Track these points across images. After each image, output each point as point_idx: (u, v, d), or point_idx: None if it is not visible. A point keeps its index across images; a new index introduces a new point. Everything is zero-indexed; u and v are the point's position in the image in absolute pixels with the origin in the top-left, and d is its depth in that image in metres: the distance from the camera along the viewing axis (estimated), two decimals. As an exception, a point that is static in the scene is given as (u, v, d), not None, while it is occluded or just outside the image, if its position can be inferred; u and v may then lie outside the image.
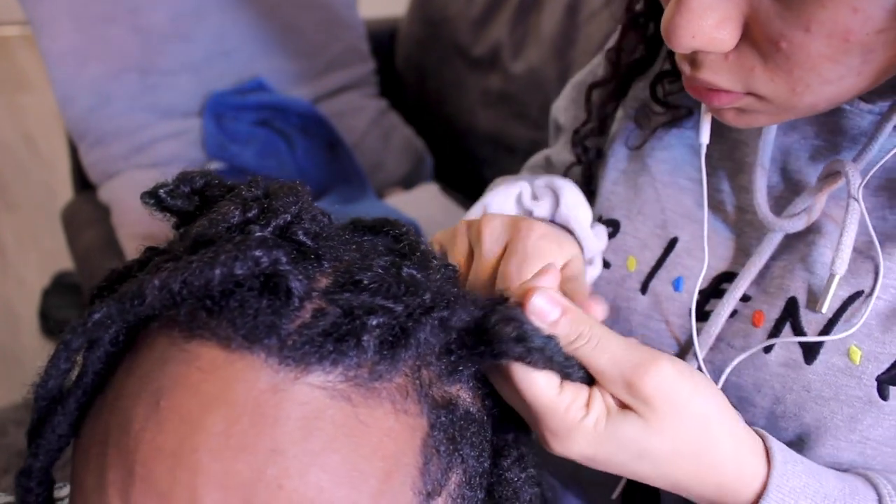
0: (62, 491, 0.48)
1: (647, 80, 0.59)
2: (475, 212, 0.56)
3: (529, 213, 0.56)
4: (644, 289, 0.55)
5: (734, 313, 0.51)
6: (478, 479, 0.40)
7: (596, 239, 0.55)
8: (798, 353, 0.47)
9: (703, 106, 0.52)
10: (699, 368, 0.51)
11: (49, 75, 1.54)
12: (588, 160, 0.64)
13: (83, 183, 1.64)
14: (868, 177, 0.45)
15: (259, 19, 1.65)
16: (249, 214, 0.37)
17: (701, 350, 0.51)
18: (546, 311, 0.40)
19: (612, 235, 0.58)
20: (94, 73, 1.53)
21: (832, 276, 0.46)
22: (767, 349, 0.49)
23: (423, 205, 1.56)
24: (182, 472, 0.32)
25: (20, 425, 1.60)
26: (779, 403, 0.48)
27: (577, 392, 0.40)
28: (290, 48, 1.68)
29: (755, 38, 0.40)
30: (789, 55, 0.39)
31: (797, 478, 0.43)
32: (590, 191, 0.63)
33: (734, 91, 0.43)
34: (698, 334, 0.51)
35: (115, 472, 0.33)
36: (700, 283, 0.52)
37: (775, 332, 0.49)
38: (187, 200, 0.40)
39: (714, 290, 0.53)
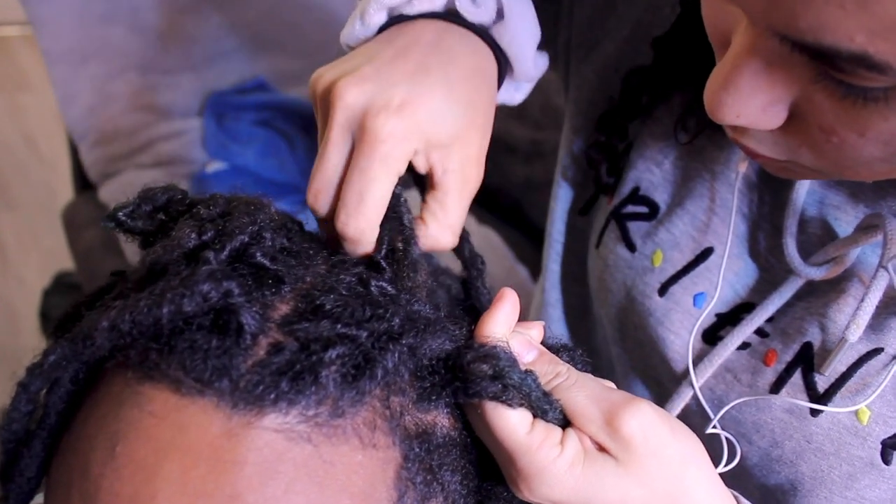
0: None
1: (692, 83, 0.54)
2: (373, 19, 0.46)
3: (454, 13, 0.46)
4: (663, 291, 0.52)
5: (747, 346, 0.49)
6: (462, 500, 0.38)
7: (534, 69, 0.49)
8: (805, 402, 0.45)
9: None
10: (694, 393, 0.49)
11: (50, 75, 1.54)
12: (612, 145, 0.58)
13: (84, 183, 1.64)
14: None
15: (259, 19, 1.65)
16: (205, 237, 0.36)
17: (701, 376, 0.49)
18: (521, 353, 0.39)
19: (647, 218, 0.54)
20: (94, 72, 1.53)
21: (843, 340, 0.44)
22: (774, 391, 0.47)
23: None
24: None
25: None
26: (776, 447, 0.47)
27: (549, 431, 0.37)
28: (290, 48, 1.68)
29: (805, 122, 0.37)
30: (839, 148, 0.36)
31: None
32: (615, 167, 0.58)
33: (777, 159, 0.40)
34: (704, 359, 0.49)
35: None
36: (717, 304, 0.50)
37: (786, 374, 0.46)
38: (149, 220, 0.39)
39: (733, 317, 0.50)
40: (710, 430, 0.48)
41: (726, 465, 0.47)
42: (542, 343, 0.42)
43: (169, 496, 0.31)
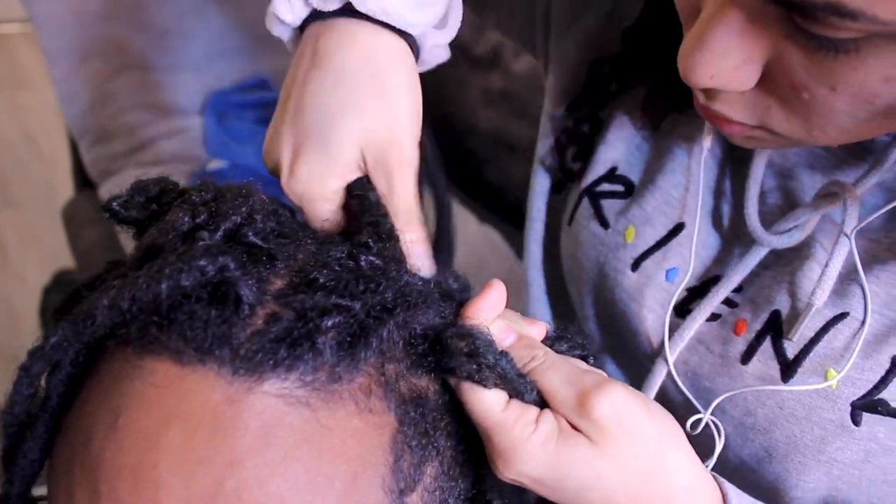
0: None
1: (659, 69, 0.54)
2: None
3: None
4: (636, 266, 0.53)
5: (717, 317, 0.50)
6: (458, 467, 0.39)
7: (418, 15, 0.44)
8: (776, 370, 0.46)
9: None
10: (669, 370, 0.50)
11: (50, 73, 1.54)
12: (582, 133, 0.60)
13: (84, 181, 1.64)
14: (863, 223, 0.44)
15: (260, 16, 1.65)
16: (198, 220, 0.37)
17: (674, 349, 0.50)
18: (500, 337, 0.40)
19: (621, 196, 0.55)
20: (94, 70, 1.53)
21: (809, 305, 0.45)
22: (745, 360, 0.48)
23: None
24: (144, 489, 0.32)
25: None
26: (749, 416, 0.48)
27: (524, 409, 0.38)
28: (290, 46, 1.68)
29: (776, 81, 0.38)
30: (810, 105, 0.37)
31: None
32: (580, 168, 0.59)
33: (748, 124, 0.41)
34: (675, 332, 0.50)
35: (82, 491, 0.33)
36: (689, 278, 0.51)
37: (756, 343, 0.47)
38: (142, 210, 0.40)
39: (702, 290, 0.51)
40: (694, 419, 0.48)
41: (712, 454, 0.48)
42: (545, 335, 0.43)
43: (170, 464, 0.32)
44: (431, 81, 0.48)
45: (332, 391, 0.34)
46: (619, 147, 0.56)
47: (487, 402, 0.38)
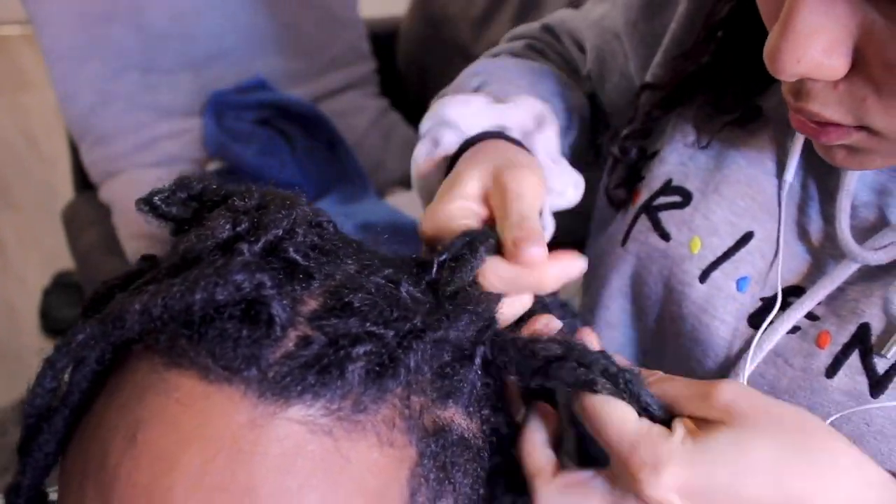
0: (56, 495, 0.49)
1: (710, 91, 0.55)
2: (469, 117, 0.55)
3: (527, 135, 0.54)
4: (704, 277, 0.52)
5: (796, 330, 0.48)
6: None
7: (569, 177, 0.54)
8: (864, 384, 0.45)
9: (795, 142, 0.49)
10: (742, 378, 0.49)
11: (50, 74, 1.54)
12: (629, 162, 0.59)
13: (84, 182, 1.64)
14: None
15: (259, 18, 1.65)
16: (239, 229, 0.36)
17: (751, 361, 0.49)
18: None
19: (679, 206, 0.54)
20: (94, 72, 1.53)
21: None
22: (830, 374, 0.46)
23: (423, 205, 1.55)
24: None
25: (20, 425, 1.60)
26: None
27: (652, 421, 0.38)
28: (290, 47, 1.68)
29: (868, 65, 0.36)
30: None
31: None
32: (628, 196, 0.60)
33: (844, 125, 0.39)
34: (752, 344, 0.49)
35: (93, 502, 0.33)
36: (762, 288, 0.49)
37: (842, 356, 0.46)
38: (183, 207, 0.39)
39: (782, 301, 0.49)
40: None
41: None
42: (539, 301, 0.45)
43: (187, 488, 0.31)
44: (432, 82, 0.49)
45: (355, 421, 0.34)
46: (672, 160, 0.56)
47: (625, 417, 0.38)
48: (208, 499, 0.31)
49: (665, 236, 0.54)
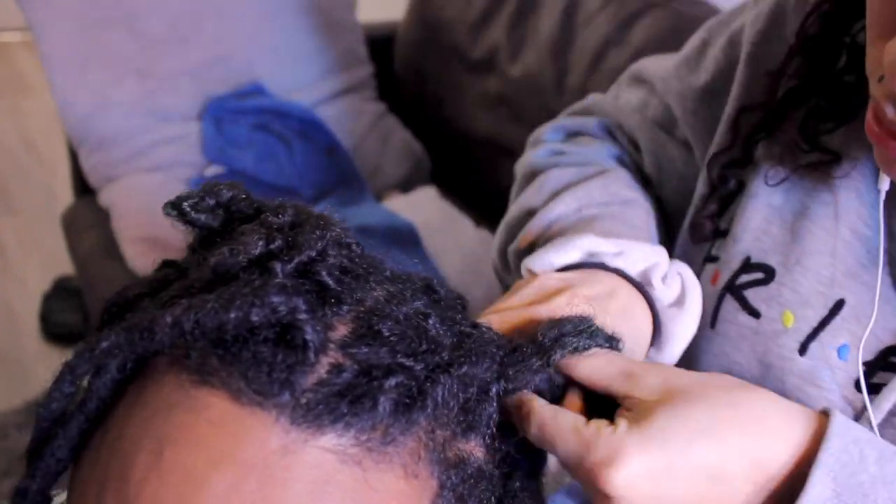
0: (60, 497, 0.48)
1: (798, 114, 0.54)
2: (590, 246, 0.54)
3: (648, 286, 0.54)
4: (803, 350, 0.51)
5: None
6: None
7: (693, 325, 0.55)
8: None
9: (880, 205, 0.49)
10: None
11: (49, 80, 1.54)
12: (725, 191, 0.58)
13: (83, 187, 1.64)
14: None
15: (257, 23, 1.66)
16: (272, 247, 0.35)
17: (874, 424, 0.48)
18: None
19: (763, 283, 0.54)
20: (93, 77, 1.54)
21: None
22: None
23: (421, 208, 1.56)
24: None
25: (21, 428, 1.61)
26: None
27: (597, 420, 0.40)
28: (288, 52, 1.69)
29: None
30: None
31: (861, 431, 0.40)
32: (716, 227, 0.59)
33: None
34: (865, 409, 0.48)
35: None
36: (862, 352, 0.49)
37: None
38: (212, 215, 0.38)
39: (883, 362, 0.49)
40: None
41: None
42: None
43: None
44: (429, 86, 0.49)
45: (384, 453, 0.34)
46: (746, 238, 0.56)
47: (575, 424, 0.40)
48: None
49: (755, 314, 0.54)
